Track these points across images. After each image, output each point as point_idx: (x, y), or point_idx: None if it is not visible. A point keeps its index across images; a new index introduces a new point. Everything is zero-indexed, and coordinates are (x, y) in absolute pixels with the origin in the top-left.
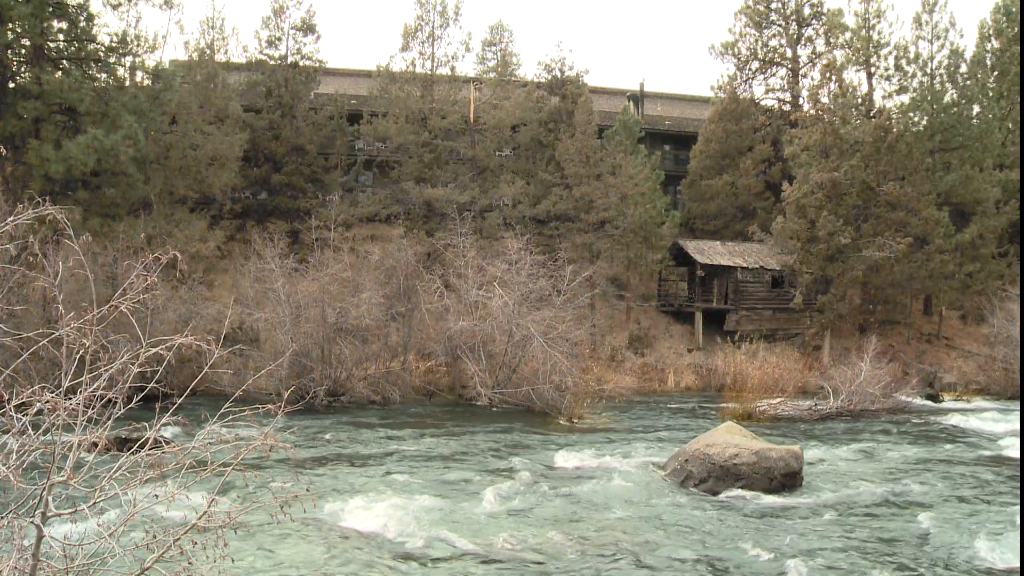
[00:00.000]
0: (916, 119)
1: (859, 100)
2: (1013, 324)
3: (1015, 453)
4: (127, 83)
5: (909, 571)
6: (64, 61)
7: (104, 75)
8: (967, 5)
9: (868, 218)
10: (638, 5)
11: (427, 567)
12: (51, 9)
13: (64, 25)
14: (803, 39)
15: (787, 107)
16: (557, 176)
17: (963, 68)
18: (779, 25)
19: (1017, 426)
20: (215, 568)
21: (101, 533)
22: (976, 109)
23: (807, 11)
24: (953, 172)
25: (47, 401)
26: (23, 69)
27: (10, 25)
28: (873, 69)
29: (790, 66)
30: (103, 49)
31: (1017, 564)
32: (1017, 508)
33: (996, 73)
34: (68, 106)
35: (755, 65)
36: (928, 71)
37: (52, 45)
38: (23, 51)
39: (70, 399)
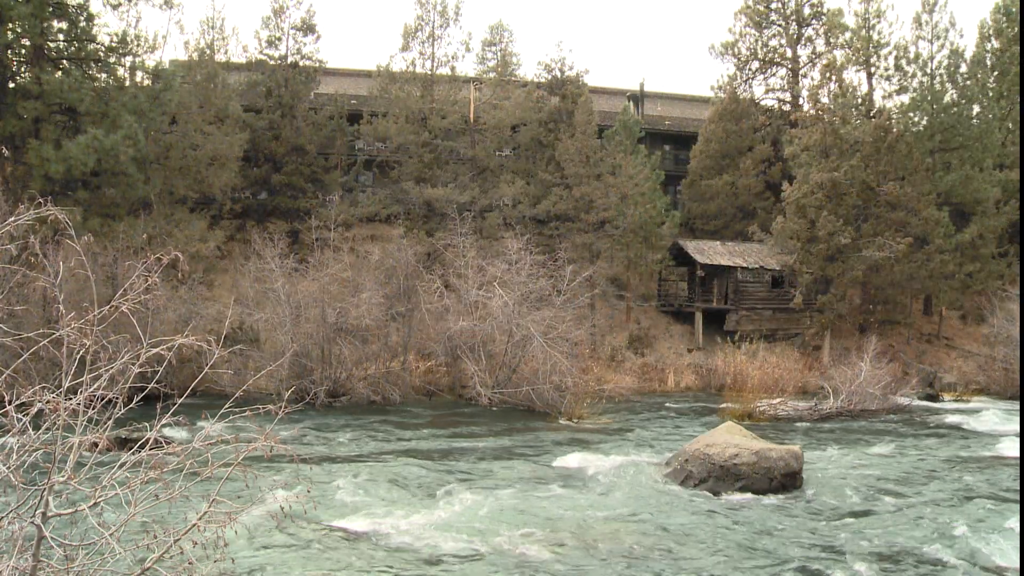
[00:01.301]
0: (916, 119)
1: (859, 100)
2: (1013, 324)
3: (1015, 453)
4: (127, 83)
5: (909, 571)
6: (64, 61)
7: (104, 75)
8: (967, 5)
9: (868, 218)
10: (638, 5)
11: (425, 566)
12: (51, 9)
13: (64, 25)
14: (803, 39)
15: (787, 107)
16: (557, 176)
17: (963, 68)
18: (779, 25)
19: (1017, 426)
20: (215, 568)
21: (101, 533)
22: (976, 109)
23: (807, 11)
24: (953, 172)
25: (47, 401)
26: (23, 69)
27: (10, 25)
28: (873, 69)
29: (790, 66)
30: (103, 49)
31: (1017, 564)
32: (1017, 508)
33: (996, 73)
34: (68, 106)
35: (755, 65)
36: (928, 71)
37: (52, 45)
38: (23, 51)
39: (70, 399)
